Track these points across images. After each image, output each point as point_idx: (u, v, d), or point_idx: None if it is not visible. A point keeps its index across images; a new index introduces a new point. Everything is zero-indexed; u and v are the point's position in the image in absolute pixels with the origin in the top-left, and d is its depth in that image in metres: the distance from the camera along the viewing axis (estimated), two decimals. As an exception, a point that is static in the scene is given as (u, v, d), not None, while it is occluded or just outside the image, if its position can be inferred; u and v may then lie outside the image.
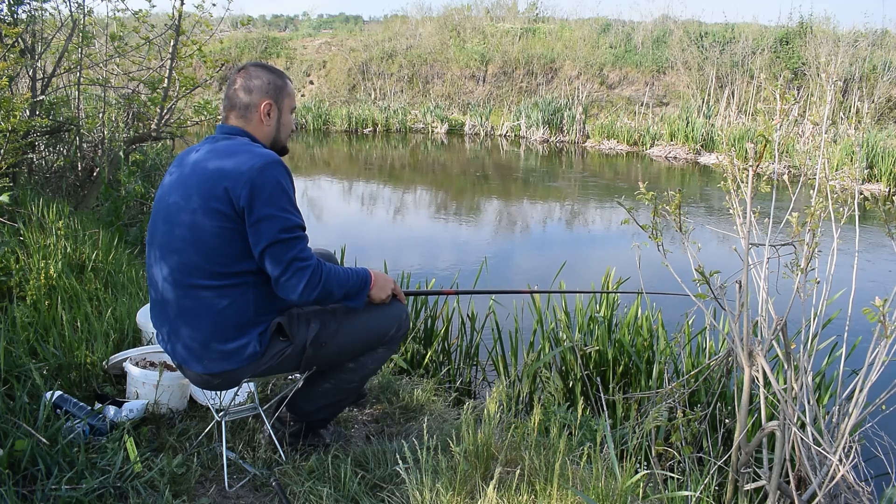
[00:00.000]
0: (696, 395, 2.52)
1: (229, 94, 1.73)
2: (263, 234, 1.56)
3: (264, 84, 1.71)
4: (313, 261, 1.63)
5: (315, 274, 1.61)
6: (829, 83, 9.26)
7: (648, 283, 2.96)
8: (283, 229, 1.57)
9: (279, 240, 1.57)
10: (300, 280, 1.59)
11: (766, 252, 1.80)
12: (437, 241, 6.73)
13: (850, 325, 1.93)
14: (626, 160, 12.62)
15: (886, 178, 9.56)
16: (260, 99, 1.71)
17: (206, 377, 1.67)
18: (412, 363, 2.97)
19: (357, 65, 17.74)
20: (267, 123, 1.73)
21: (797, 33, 14.81)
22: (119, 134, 4.82)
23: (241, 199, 1.54)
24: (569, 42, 17.20)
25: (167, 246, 1.63)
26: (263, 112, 1.71)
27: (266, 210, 1.55)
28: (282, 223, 1.57)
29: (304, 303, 1.67)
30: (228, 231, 1.57)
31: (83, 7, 4.32)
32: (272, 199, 1.56)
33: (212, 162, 1.60)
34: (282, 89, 1.75)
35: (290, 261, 1.58)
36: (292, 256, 1.58)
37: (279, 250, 1.57)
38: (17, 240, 3.03)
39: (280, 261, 1.58)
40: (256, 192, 1.54)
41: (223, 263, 1.59)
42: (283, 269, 1.58)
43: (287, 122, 1.79)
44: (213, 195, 1.56)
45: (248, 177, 1.55)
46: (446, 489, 1.64)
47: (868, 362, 1.70)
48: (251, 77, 1.71)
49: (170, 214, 1.63)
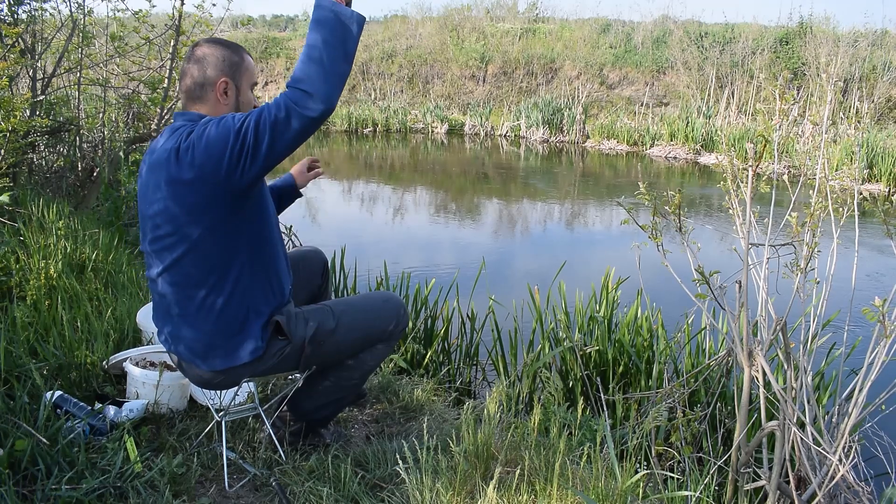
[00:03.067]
0: (695, 395, 2.52)
1: (184, 75, 1.62)
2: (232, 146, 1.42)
3: (218, 61, 1.60)
4: (270, 107, 1.41)
5: (288, 103, 1.39)
6: (829, 83, 9.26)
7: (648, 284, 2.96)
8: (237, 123, 1.43)
9: (244, 127, 1.42)
10: (291, 117, 1.39)
11: (766, 252, 1.80)
12: (437, 241, 6.73)
13: (849, 325, 1.93)
14: (626, 160, 12.61)
15: (886, 178, 9.56)
16: (216, 76, 1.60)
17: (208, 376, 1.67)
18: (412, 363, 2.97)
19: (357, 65, 17.75)
20: (224, 102, 1.62)
21: (797, 33, 14.82)
22: (119, 134, 4.82)
23: (198, 156, 1.44)
24: (569, 42, 17.21)
25: (158, 246, 1.60)
26: (220, 91, 1.60)
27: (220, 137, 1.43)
28: (237, 122, 1.43)
29: (331, 101, 1.41)
30: (210, 224, 1.51)
31: (83, 7, 4.33)
32: (219, 130, 1.44)
33: (168, 149, 1.50)
34: (238, 65, 1.63)
35: (273, 125, 1.40)
36: (271, 123, 1.40)
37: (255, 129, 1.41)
38: (17, 240, 3.03)
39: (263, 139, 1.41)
40: (205, 140, 1.44)
41: (213, 259, 1.56)
42: (271, 134, 1.40)
43: (247, 99, 1.67)
44: (176, 174, 1.48)
45: (196, 134, 1.46)
46: (446, 489, 1.64)
47: (868, 362, 1.70)
48: (204, 55, 1.60)
49: (154, 215, 1.57)
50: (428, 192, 9.66)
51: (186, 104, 1.64)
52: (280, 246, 1.74)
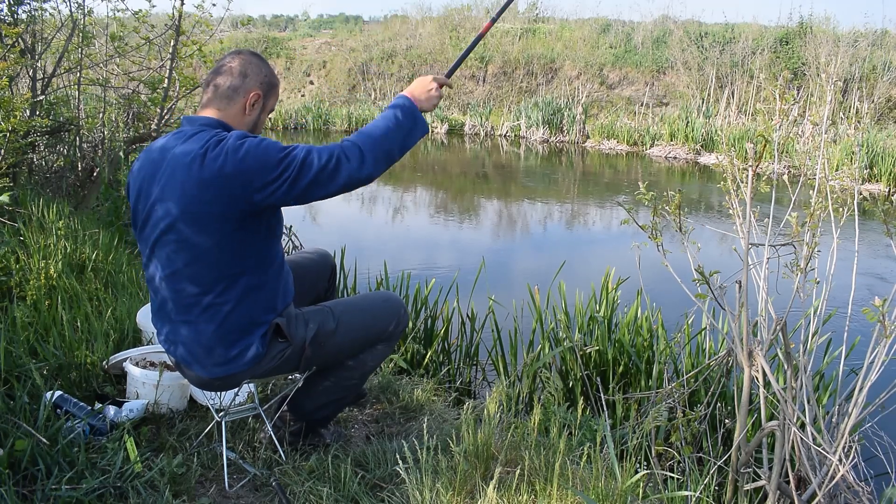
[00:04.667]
0: (695, 395, 2.52)
1: (221, 72, 1.62)
2: (276, 191, 1.48)
3: (260, 74, 1.63)
4: (334, 151, 1.52)
5: (341, 158, 1.51)
6: (829, 83, 9.26)
7: (648, 284, 2.96)
8: (287, 167, 1.48)
9: (291, 178, 1.48)
10: (340, 174, 1.50)
11: (766, 252, 1.81)
12: (436, 241, 6.73)
13: (849, 325, 1.93)
14: (626, 160, 12.61)
15: (886, 178, 9.56)
16: (251, 88, 1.62)
17: (208, 379, 1.67)
18: (412, 363, 2.97)
19: (357, 65, 17.75)
20: (248, 114, 1.63)
21: (797, 33, 14.81)
22: (119, 134, 4.82)
23: (235, 187, 1.47)
24: (569, 42, 17.21)
25: (161, 250, 1.59)
26: (249, 102, 1.62)
27: (261, 171, 1.47)
28: (283, 166, 1.48)
29: (372, 177, 1.56)
30: (218, 235, 1.52)
31: (83, 7, 4.32)
32: (260, 159, 1.47)
33: (188, 167, 1.50)
34: (273, 88, 1.68)
35: (316, 174, 1.49)
36: (316, 172, 1.49)
37: (299, 181, 1.48)
38: (17, 240, 3.03)
39: (314, 183, 1.49)
40: (244, 167, 1.46)
41: (218, 269, 1.56)
42: (325, 181, 1.49)
43: (263, 120, 1.70)
44: (199, 197, 1.49)
45: (232, 162, 1.46)
46: (446, 489, 1.64)
47: (868, 362, 1.70)
48: (249, 62, 1.63)
49: (158, 220, 1.56)
50: (428, 192, 9.66)
51: (206, 104, 1.62)
52: (284, 260, 1.75)
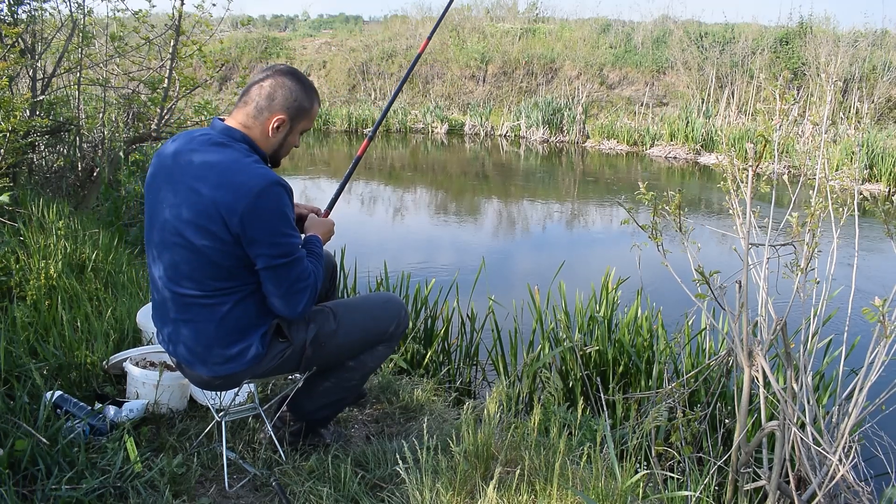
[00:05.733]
0: (695, 395, 2.52)
1: (253, 88, 1.62)
2: (261, 258, 1.55)
3: (288, 99, 1.62)
4: (311, 279, 1.63)
5: (313, 290, 1.64)
6: (829, 83, 9.26)
7: (648, 284, 2.96)
8: (281, 254, 1.56)
9: (278, 265, 1.56)
10: (300, 300, 1.61)
11: (766, 252, 1.80)
12: (436, 241, 6.73)
13: (849, 325, 1.93)
14: (626, 160, 12.61)
15: (886, 178, 9.56)
16: (276, 112, 1.61)
17: (208, 379, 1.67)
18: (412, 363, 2.97)
19: (357, 65, 17.74)
20: (272, 136, 1.63)
21: (797, 33, 14.81)
22: (119, 134, 4.82)
23: (234, 225, 1.50)
24: (569, 42, 17.20)
25: (165, 251, 1.60)
26: (272, 125, 1.62)
27: (263, 236, 1.53)
28: (280, 248, 1.55)
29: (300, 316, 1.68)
30: (221, 249, 1.54)
31: (83, 7, 4.32)
32: (269, 225, 1.53)
33: (203, 179, 1.52)
34: (304, 111, 1.65)
35: (290, 283, 1.59)
36: (293, 278, 1.59)
37: (279, 274, 1.57)
38: (17, 240, 3.03)
39: (280, 283, 1.58)
40: (252, 220, 1.50)
41: (219, 277, 1.57)
42: (284, 291, 1.59)
43: (292, 141, 1.70)
44: (206, 213, 1.51)
45: (244, 204, 1.49)
46: (446, 489, 1.64)
47: (868, 362, 1.70)
48: (281, 84, 1.61)
49: (165, 222, 1.58)
50: (428, 192, 9.66)
51: (236, 113, 1.63)
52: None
